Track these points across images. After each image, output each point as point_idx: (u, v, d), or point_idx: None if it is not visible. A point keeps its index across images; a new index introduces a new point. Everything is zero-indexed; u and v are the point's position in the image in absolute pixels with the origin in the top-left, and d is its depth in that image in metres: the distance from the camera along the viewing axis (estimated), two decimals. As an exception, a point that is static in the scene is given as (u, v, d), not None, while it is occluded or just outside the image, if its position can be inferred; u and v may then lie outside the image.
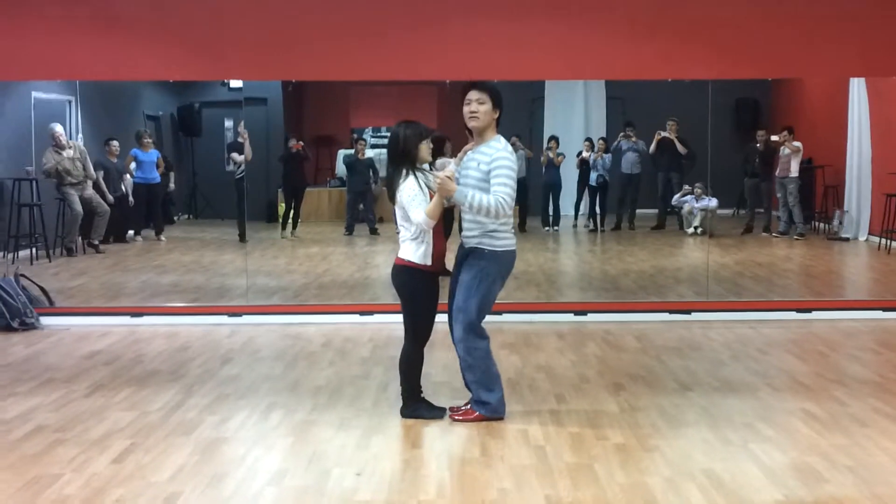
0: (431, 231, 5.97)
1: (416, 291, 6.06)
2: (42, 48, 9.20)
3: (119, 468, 5.29)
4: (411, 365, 6.18)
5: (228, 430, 5.99)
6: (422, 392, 6.30)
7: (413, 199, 5.89)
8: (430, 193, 5.94)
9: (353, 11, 9.23)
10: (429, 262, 6.01)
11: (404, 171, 5.97)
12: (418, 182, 5.93)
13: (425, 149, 6.01)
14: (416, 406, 6.21)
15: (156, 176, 12.50)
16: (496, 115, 6.05)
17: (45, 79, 10.36)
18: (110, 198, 11.78)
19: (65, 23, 9.19)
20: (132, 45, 9.22)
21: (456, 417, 6.14)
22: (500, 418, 6.11)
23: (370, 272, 11.73)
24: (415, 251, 5.99)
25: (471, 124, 6.05)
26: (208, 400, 6.65)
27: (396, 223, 6.15)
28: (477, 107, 6.00)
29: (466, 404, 6.23)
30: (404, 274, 6.05)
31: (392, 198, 6.04)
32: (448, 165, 6.35)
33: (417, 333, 6.14)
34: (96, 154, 11.92)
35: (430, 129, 6.20)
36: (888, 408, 6.35)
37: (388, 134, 6.20)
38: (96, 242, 11.73)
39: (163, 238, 12.76)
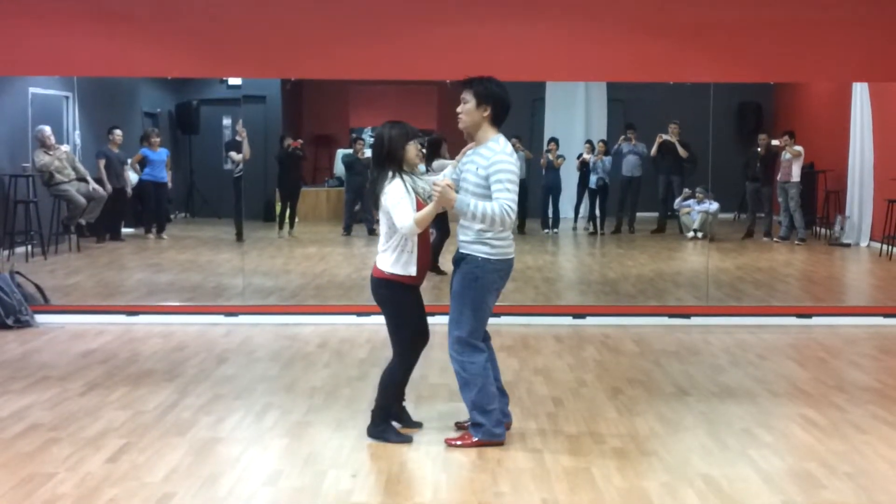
0: (416, 239, 5.58)
1: (400, 306, 5.66)
2: (40, 44, 9.16)
3: (113, 468, 5.25)
4: (393, 382, 5.76)
5: (223, 431, 5.95)
6: (404, 400, 5.99)
7: (398, 203, 5.44)
8: (417, 199, 5.56)
9: (353, 10, 9.20)
10: (412, 273, 5.59)
11: (389, 174, 5.53)
12: (405, 185, 5.51)
13: (413, 150, 5.59)
14: (384, 427, 5.78)
15: (164, 175, 12.44)
16: (485, 113, 5.53)
17: (43, 74, 10.31)
18: (108, 187, 11.68)
19: (63, 18, 9.15)
20: (130, 42, 9.18)
21: (449, 442, 5.71)
22: (500, 443, 5.65)
23: (368, 273, 11.52)
24: (395, 261, 5.56)
25: (459, 126, 5.68)
26: (203, 400, 6.60)
27: (378, 231, 5.71)
28: (461, 107, 5.59)
29: (466, 422, 5.86)
30: (384, 288, 5.64)
31: (376, 203, 5.62)
32: (445, 168, 6.13)
33: (404, 349, 5.72)
34: (98, 144, 11.85)
35: (418, 129, 5.73)
36: (888, 414, 6.31)
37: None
38: (83, 223, 11.61)
39: (164, 236, 12.71)
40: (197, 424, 6.06)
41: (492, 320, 7.06)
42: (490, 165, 5.46)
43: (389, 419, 5.85)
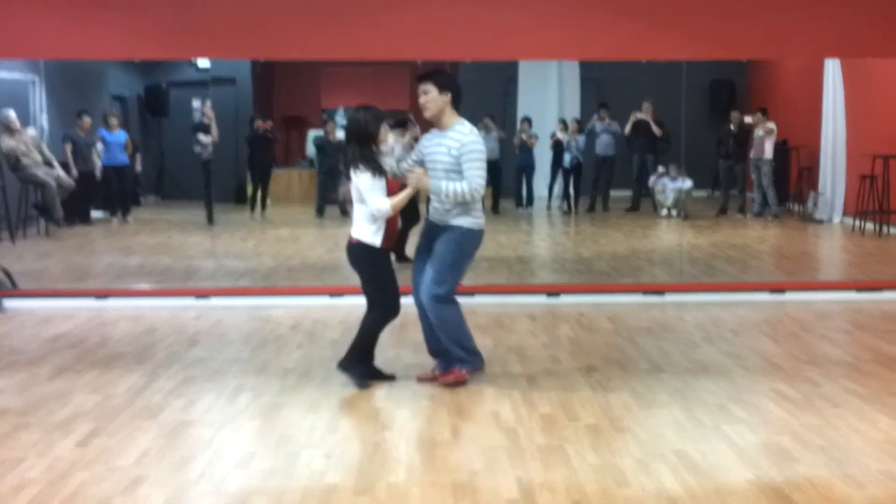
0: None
1: (376, 266, 6.28)
2: (4, 26, 9.00)
3: (83, 452, 5.20)
4: (373, 331, 6.40)
5: (195, 413, 5.90)
6: (374, 359, 6.53)
7: (371, 188, 6.06)
8: (386, 178, 6.17)
9: (323, -10, 9.10)
10: (377, 243, 6.20)
11: (363, 156, 6.12)
12: (373, 167, 6.08)
13: (384, 131, 6.24)
14: (355, 367, 6.40)
15: (123, 158, 12.32)
16: (447, 99, 6.20)
17: (8, 58, 10.19)
18: (74, 172, 11.56)
19: (27, 0, 8.99)
20: (97, 24, 9.03)
21: (445, 380, 6.38)
22: (482, 368, 6.47)
23: (340, 254, 11.40)
24: (366, 230, 6.19)
25: (424, 115, 6.33)
26: (174, 383, 6.54)
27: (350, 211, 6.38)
28: (423, 98, 6.23)
29: (434, 369, 6.52)
30: (360, 253, 6.26)
31: (348, 175, 6.22)
32: (395, 147, 6.59)
33: (386, 305, 6.32)
34: (65, 128, 11.74)
35: (387, 111, 6.55)
36: (860, 388, 6.33)
37: None
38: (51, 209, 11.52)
39: (130, 219, 12.62)
40: (168, 407, 6.00)
41: (465, 300, 7.08)
42: (461, 147, 6.12)
43: (362, 360, 6.44)
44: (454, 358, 6.38)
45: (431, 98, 6.18)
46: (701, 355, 7.27)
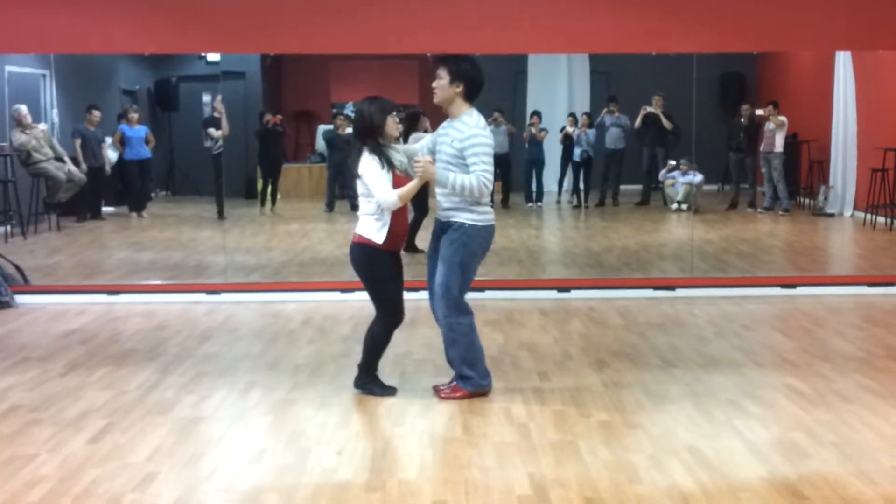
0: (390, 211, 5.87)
1: (376, 270, 5.96)
2: (15, 21, 9.00)
3: (95, 448, 5.21)
4: (376, 341, 6.10)
5: (207, 409, 5.91)
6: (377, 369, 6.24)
7: (377, 179, 5.77)
8: (393, 172, 5.86)
9: (332, -17, 9.08)
10: (380, 241, 5.87)
11: (366, 148, 5.85)
12: (380, 159, 5.80)
13: (391, 124, 5.90)
14: (368, 381, 6.15)
15: (146, 152, 12.35)
16: (458, 90, 5.89)
17: (19, 52, 10.19)
18: (84, 167, 11.57)
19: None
20: (107, 18, 9.03)
21: (442, 395, 6.06)
22: (486, 393, 6.07)
23: (352, 249, 11.62)
24: (370, 226, 5.88)
25: (434, 101, 6.04)
26: (186, 379, 6.55)
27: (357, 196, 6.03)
28: (435, 83, 5.96)
29: (451, 382, 6.16)
30: (361, 253, 5.94)
31: (354, 173, 5.92)
32: (422, 140, 6.29)
33: (388, 312, 6.04)
34: (76, 122, 11.74)
35: (398, 104, 6.11)
36: (873, 383, 6.31)
37: None
38: (56, 202, 11.53)
39: (145, 215, 12.64)
40: (180, 403, 6.01)
41: (476, 295, 7.06)
42: (465, 139, 5.83)
43: (374, 373, 6.17)
44: (458, 374, 6.10)
45: (441, 86, 5.91)
46: (712, 350, 7.26)
